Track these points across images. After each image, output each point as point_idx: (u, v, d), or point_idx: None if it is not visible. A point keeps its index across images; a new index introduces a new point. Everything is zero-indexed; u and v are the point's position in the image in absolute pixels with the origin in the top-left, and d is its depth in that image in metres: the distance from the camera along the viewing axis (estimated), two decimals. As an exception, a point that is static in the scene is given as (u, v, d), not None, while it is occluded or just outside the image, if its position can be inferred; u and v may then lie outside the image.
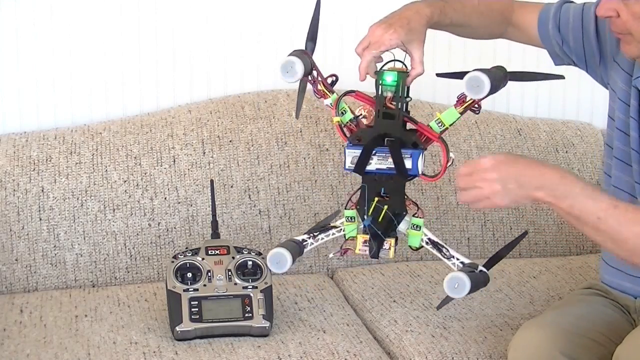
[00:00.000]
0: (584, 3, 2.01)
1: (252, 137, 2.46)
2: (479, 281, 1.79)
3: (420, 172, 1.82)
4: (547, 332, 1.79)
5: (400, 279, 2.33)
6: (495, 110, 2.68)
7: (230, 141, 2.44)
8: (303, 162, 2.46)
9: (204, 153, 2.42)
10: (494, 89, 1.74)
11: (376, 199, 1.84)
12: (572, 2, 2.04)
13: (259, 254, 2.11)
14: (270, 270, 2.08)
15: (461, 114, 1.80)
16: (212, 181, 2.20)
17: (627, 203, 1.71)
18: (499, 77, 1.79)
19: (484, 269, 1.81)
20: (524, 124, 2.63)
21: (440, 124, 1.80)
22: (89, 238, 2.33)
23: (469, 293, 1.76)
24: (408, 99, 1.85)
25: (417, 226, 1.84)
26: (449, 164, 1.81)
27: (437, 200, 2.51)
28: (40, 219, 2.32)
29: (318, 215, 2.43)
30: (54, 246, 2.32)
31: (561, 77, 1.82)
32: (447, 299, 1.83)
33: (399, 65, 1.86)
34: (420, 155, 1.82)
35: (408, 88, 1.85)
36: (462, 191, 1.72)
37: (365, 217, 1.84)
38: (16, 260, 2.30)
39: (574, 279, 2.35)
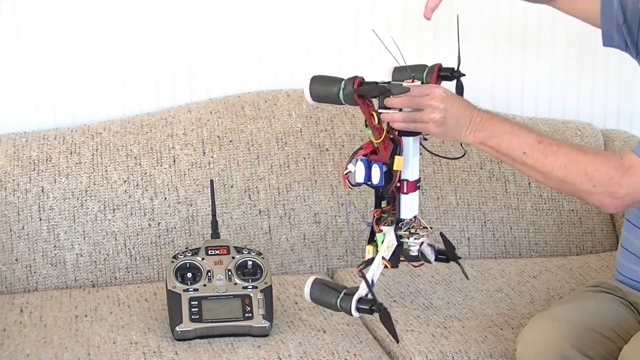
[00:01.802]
0: None
1: (252, 137, 2.46)
2: (324, 300, 1.89)
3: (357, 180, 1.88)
4: (558, 325, 1.80)
5: (400, 279, 2.33)
6: (495, 110, 2.67)
7: (230, 141, 2.44)
8: (303, 162, 2.46)
9: (204, 153, 2.42)
10: (316, 98, 1.86)
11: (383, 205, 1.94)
12: None
13: (259, 254, 2.11)
14: (270, 270, 2.09)
15: (366, 126, 1.85)
16: (212, 181, 2.20)
17: (551, 137, 1.84)
18: (330, 90, 1.85)
19: (352, 305, 1.86)
20: (523, 123, 2.63)
21: None
22: (89, 238, 2.33)
23: (311, 300, 1.92)
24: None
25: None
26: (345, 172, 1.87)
27: (437, 200, 2.51)
28: (40, 219, 2.32)
29: (318, 215, 2.43)
30: (54, 246, 2.32)
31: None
32: (391, 329, 1.89)
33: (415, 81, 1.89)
34: (355, 163, 1.87)
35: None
36: (402, 110, 1.82)
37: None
38: (16, 260, 2.30)
39: (574, 279, 2.35)
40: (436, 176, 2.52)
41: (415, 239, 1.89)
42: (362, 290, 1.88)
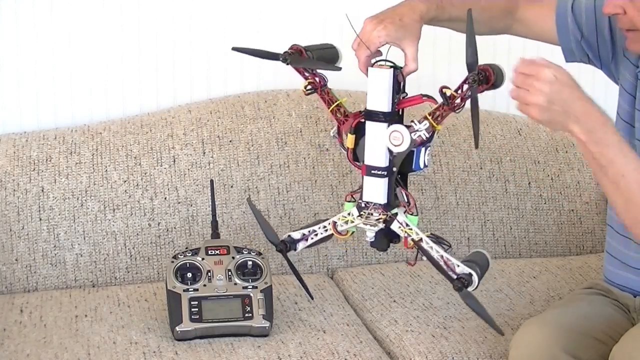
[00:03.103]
0: None
1: (252, 137, 2.46)
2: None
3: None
4: (549, 330, 1.80)
5: (400, 279, 2.33)
6: (495, 110, 2.68)
7: (230, 141, 2.45)
8: (303, 162, 2.46)
9: (204, 153, 2.42)
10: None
11: None
12: None
13: (259, 254, 2.11)
14: (270, 270, 2.09)
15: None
16: (212, 181, 2.20)
17: None
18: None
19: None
20: (524, 123, 2.64)
21: None
22: (89, 238, 2.33)
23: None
24: (404, 95, 1.85)
25: None
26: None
27: (437, 200, 2.51)
28: (40, 219, 2.32)
29: (318, 215, 2.43)
30: (54, 246, 2.32)
31: (338, 68, 1.87)
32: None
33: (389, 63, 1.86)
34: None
35: (403, 84, 1.85)
36: (514, 85, 1.67)
37: None
38: (16, 260, 2.30)
39: (574, 279, 2.35)
40: (436, 176, 2.52)
41: (352, 222, 1.89)
42: (299, 233, 1.95)
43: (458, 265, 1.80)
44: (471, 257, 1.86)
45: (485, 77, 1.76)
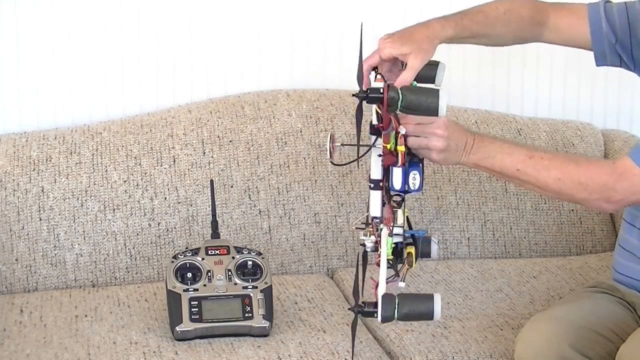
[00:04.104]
0: (625, 2, 2.01)
1: (252, 137, 2.46)
2: None
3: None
4: (556, 326, 1.81)
5: (400, 279, 2.33)
6: (495, 110, 2.68)
7: (230, 141, 2.44)
8: (303, 162, 2.46)
9: (204, 153, 2.42)
10: None
11: None
12: (610, 1, 2.04)
13: (259, 254, 2.11)
14: (270, 270, 2.08)
15: None
16: (212, 181, 2.20)
17: (542, 151, 1.88)
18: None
19: None
20: (524, 124, 2.63)
21: None
22: (89, 238, 2.33)
23: None
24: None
25: None
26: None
27: (437, 200, 2.51)
28: (40, 219, 2.32)
29: (318, 215, 2.43)
30: (54, 246, 2.32)
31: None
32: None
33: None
34: None
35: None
36: (410, 136, 1.80)
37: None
38: (16, 260, 2.30)
39: (574, 279, 2.35)
40: (436, 176, 2.52)
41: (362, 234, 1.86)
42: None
43: (382, 294, 1.75)
44: (413, 298, 1.77)
45: (377, 98, 1.73)
